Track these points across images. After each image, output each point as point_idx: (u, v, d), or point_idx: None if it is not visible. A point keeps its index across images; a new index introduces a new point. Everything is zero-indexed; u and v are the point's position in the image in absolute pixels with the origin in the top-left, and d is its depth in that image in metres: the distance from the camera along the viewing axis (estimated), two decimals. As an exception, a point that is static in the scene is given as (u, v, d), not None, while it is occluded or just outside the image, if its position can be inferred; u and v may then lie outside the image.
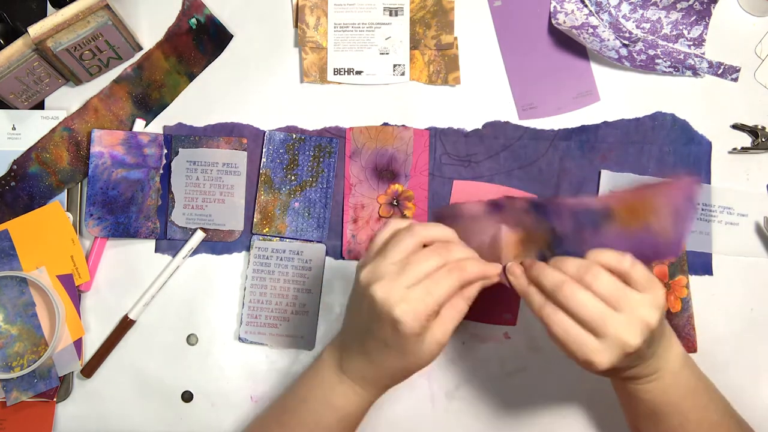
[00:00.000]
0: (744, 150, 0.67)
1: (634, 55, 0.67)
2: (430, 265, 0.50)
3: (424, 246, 0.52)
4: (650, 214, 0.53)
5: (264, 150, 0.67)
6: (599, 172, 0.67)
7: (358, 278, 0.52)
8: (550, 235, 0.54)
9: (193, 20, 0.67)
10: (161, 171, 0.66)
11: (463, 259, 0.51)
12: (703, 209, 0.67)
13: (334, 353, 0.57)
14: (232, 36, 0.68)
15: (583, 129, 0.68)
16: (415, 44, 0.68)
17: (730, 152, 0.68)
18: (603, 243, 0.51)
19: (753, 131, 0.68)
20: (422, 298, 0.49)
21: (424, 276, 0.50)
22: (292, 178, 0.67)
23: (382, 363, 0.53)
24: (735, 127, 0.68)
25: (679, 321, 0.66)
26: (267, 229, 0.66)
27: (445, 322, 0.51)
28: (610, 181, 0.67)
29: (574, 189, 0.67)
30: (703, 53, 0.68)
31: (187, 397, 0.66)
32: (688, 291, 0.66)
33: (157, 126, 0.67)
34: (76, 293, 0.64)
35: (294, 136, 0.67)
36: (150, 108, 0.67)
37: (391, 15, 0.68)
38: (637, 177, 0.67)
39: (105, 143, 0.65)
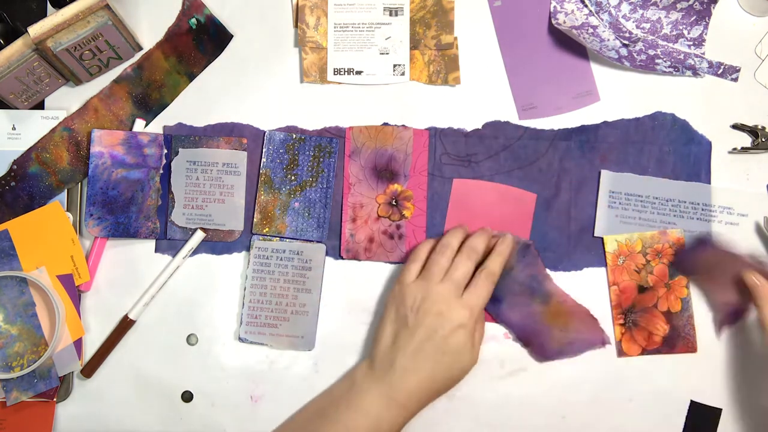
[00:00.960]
0: (744, 150, 0.67)
1: (634, 55, 0.67)
2: (469, 270, 0.62)
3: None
4: (562, 325, 0.66)
5: (264, 150, 0.67)
6: (599, 172, 0.67)
7: (407, 296, 0.61)
8: (507, 269, 0.65)
9: (193, 20, 0.67)
10: (161, 171, 0.66)
11: (488, 263, 0.63)
12: (703, 209, 0.67)
13: (377, 383, 0.61)
14: (232, 36, 0.68)
15: (583, 129, 0.68)
16: (415, 44, 0.68)
17: (730, 152, 0.68)
18: (522, 307, 0.66)
19: (753, 131, 0.68)
20: (476, 302, 0.61)
21: (466, 280, 0.61)
22: (292, 178, 0.67)
23: (435, 374, 0.60)
24: (735, 127, 0.68)
25: (679, 321, 0.66)
26: (267, 229, 0.66)
27: (480, 333, 0.63)
28: (610, 181, 0.67)
29: (574, 189, 0.67)
30: (703, 53, 0.68)
31: (187, 397, 0.66)
32: (688, 291, 0.66)
33: (157, 126, 0.67)
34: (76, 293, 0.64)
35: (294, 136, 0.67)
36: (150, 108, 0.67)
37: (391, 15, 0.68)
38: (637, 177, 0.67)
39: (105, 143, 0.65)
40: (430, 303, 0.60)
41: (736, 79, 0.68)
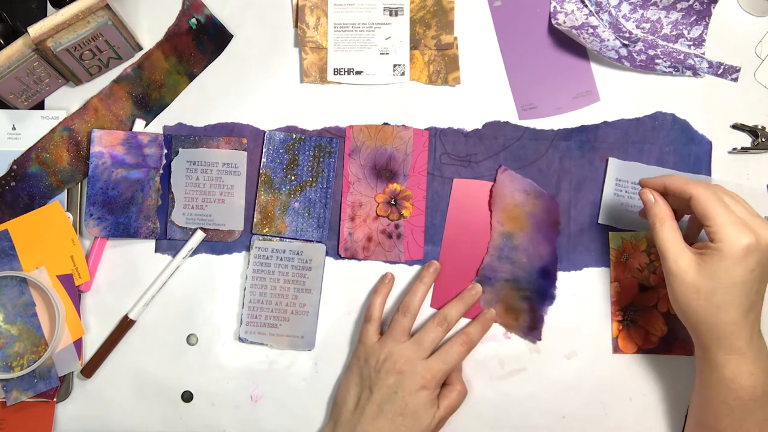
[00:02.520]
0: (744, 150, 0.67)
1: (634, 55, 0.67)
2: (438, 337, 0.62)
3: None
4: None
5: (264, 150, 0.67)
6: (604, 165, 0.67)
7: (370, 356, 0.61)
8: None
9: (193, 20, 0.67)
10: (161, 171, 0.66)
11: (467, 330, 0.64)
12: None
13: None
14: (232, 36, 0.68)
15: (583, 129, 0.68)
16: (415, 44, 0.68)
17: (730, 152, 0.68)
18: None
19: (753, 131, 0.68)
20: (441, 367, 0.60)
21: (435, 347, 0.62)
22: (292, 178, 0.67)
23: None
24: (735, 127, 0.68)
25: (678, 323, 0.66)
26: (267, 229, 0.66)
27: (450, 398, 0.62)
28: (617, 169, 0.67)
29: (574, 189, 0.67)
30: (703, 53, 0.68)
31: (187, 397, 0.66)
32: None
33: (157, 126, 0.67)
34: (76, 293, 0.64)
35: (294, 136, 0.67)
36: (150, 108, 0.67)
37: (391, 15, 0.68)
38: (645, 166, 0.67)
39: (105, 143, 0.65)
40: (391, 363, 0.60)
41: (736, 79, 0.68)
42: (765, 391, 0.55)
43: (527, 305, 0.66)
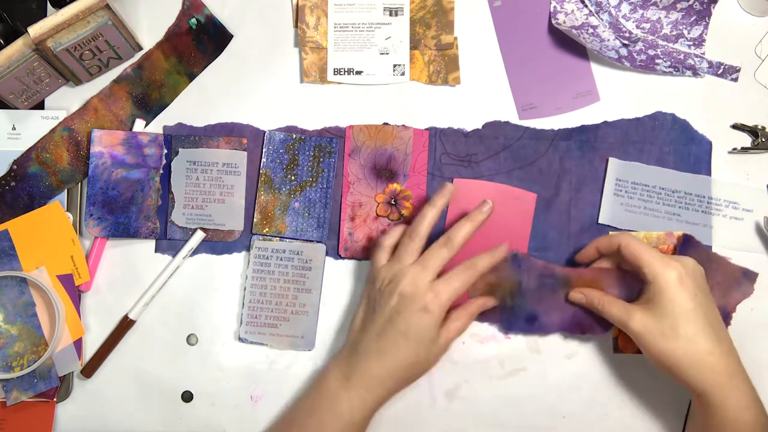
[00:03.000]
0: (744, 150, 0.67)
1: (634, 55, 0.67)
2: (443, 258, 0.59)
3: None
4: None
5: (264, 150, 0.67)
6: (604, 165, 0.67)
7: (377, 279, 0.60)
8: (516, 286, 0.64)
9: (193, 20, 0.67)
10: (161, 171, 0.66)
11: (474, 258, 0.60)
12: (708, 202, 0.67)
13: (339, 364, 0.60)
14: (232, 36, 0.68)
15: (583, 129, 0.68)
16: (415, 44, 0.68)
17: (730, 152, 0.68)
18: (556, 305, 0.64)
19: (753, 131, 0.68)
20: (445, 288, 0.58)
21: (441, 269, 0.59)
22: (292, 178, 0.67)
23: (395, 357, 0.58)
24: (735, 127, 0.68)
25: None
26: (267, 229, 0.66)
27: (460, 318, 0.61)
28: (617, 169, 0.67)
29: (574, 189, 0.67)
30: (703, 53, 0.68)
31: (187, 397, 0.66)
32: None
33: (157, 126, 0.67)
34: (76, 293, 0.64)
35: (294, 136, 0.67)
36: (150, 108, 0.67)
37: (391, 15, 0.68)
38: (645, 166, 0.67)
39: (105, 143, 0.65)
40: (395, 283, 0.58)
41: (736, 79, 0.68)
42: (764, 424, 0.56)
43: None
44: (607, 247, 0.62)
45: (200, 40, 0.67)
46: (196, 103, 0.68)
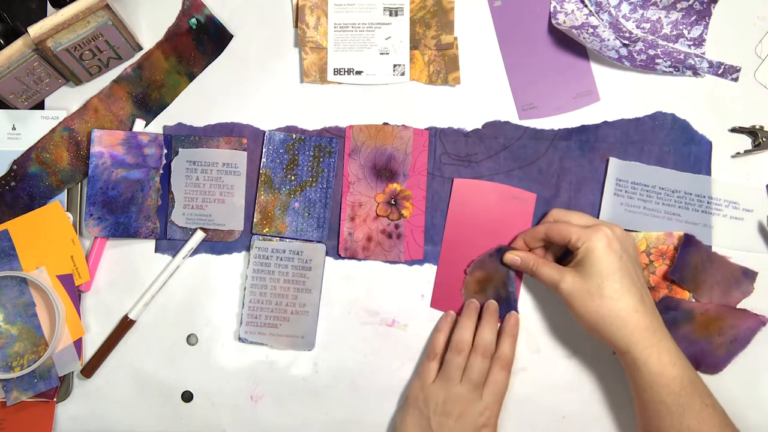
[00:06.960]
0: (747, 152, 0.67)
1: (634, 55, 0.67)
2: (484, 367, 0.62)
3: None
4: (718, 331, 0.65)
5: (264, 150, 0.67)
6: (604, 165, 0.67)
7: (430, 399, 0.62)
8: (505, 276, 0.66)
9: (193, 20, 0.67)
10: (161, 171, 0.66)
11: (498, 351, 0.64)
12: (708, 202, 0.67)
13: None
14: (232, 36, 0.68)
15: (583, 129, 0.68)
16: (415, 44, 0.68)
17: (733, 156, 0.67)
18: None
19: (752, 132, 0.68)
20: (494, 400, 0.62)
21: (483, 378, 0.62)
22: (292, 178, 0.67)
23: None
24: (733, 130, 0.68)
25: (679, 321, 0.66)
26: (267, 229, 0.66)
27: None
28: (617, 169, 0.67)
29: (574, 189, 0.67)
30: (703, 53, 0.68)
31: (187, 397, 0.66)
32: (690, 294, 0.66)
33: (157, 126, 0.67)
34: (76, 293, 0.64)
35: (294, 136, 0.67)
36: (150, 108, 0.67)
37: (391, 15, 0.68)
38: (645, 166, 0.67)
39: (105, 143, 0.65)
40: (451, 405, 0.61)
41: (736, 79, 0.68)
42: (691, 379, 0.57)
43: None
44: (532, 237, 0.64)
45: (200, 40, 0.67)
46: (196, 103, 0.68)
